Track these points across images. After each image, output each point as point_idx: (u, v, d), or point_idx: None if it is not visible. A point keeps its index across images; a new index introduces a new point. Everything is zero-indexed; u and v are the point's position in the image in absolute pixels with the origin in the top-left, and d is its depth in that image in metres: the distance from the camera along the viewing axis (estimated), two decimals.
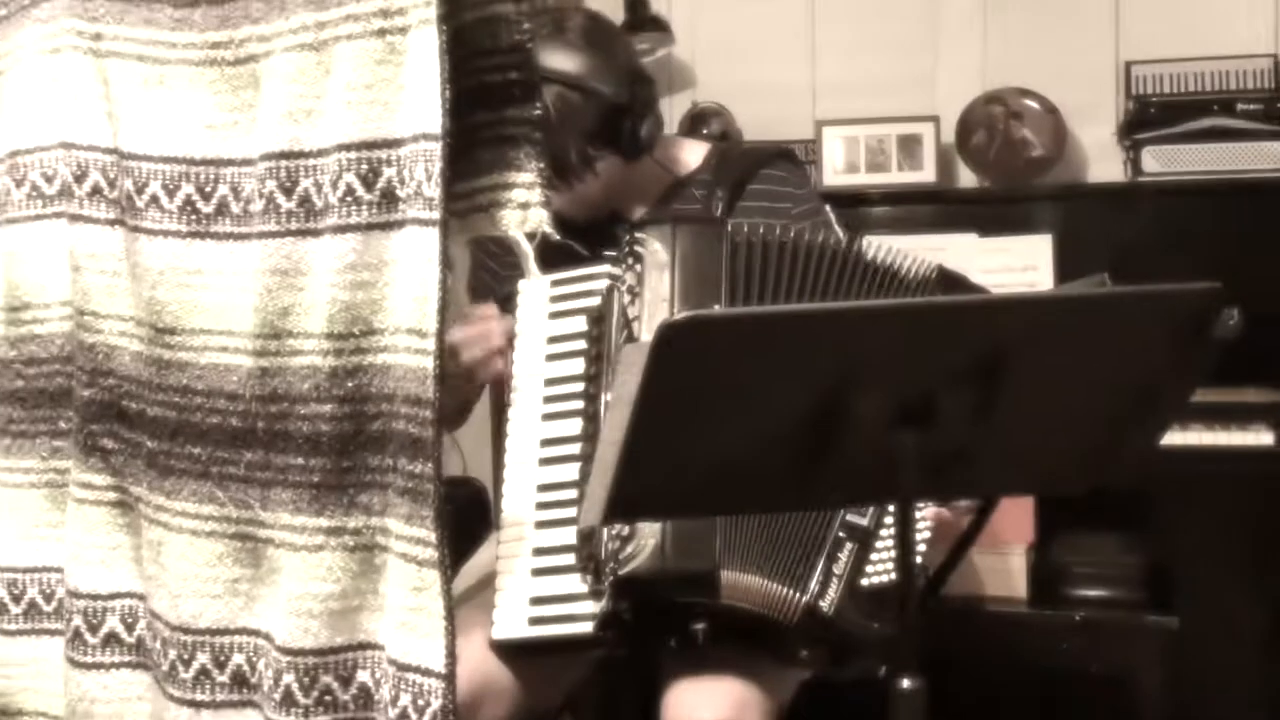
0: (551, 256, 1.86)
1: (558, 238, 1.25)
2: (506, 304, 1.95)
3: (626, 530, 1.70)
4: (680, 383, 1.27)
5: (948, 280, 1.86)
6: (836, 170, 3.14)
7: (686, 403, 1.29)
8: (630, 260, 1.82)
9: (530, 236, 1.80)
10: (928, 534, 1.80)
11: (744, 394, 1.30)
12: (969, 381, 1.33)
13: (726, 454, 1.34)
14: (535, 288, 1.87)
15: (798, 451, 1.34)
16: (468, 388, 1.93)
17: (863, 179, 3.13)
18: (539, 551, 1.78)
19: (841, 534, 1.76)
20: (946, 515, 1.82)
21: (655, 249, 1.81)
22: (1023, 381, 1.34)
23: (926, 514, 1.81)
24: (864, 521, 1.76)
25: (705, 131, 3.22)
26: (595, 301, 1.84)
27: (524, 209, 1.31)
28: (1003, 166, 3.10)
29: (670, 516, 1.63)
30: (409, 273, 1.30)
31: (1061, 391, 1.38)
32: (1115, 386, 1.39)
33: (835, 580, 1.75)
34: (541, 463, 1.83)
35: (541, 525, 1.79)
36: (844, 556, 1.76)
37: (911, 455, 1.34)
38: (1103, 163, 3.15)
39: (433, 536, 1.28)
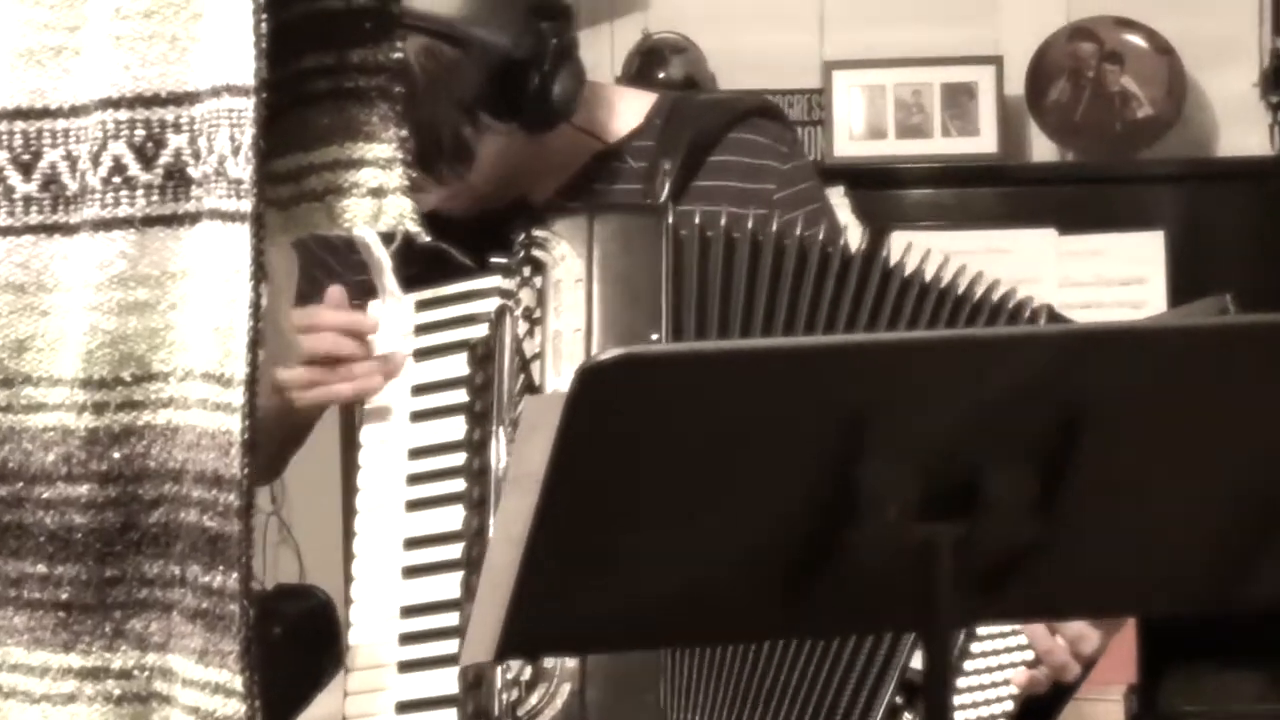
0: (420, 266, 1.87)
1: (428, 239, 1.26)
2: None
3: (529, 672, 1.71)
4: (609, 453, 1.28)
5: None
6: (853, 135, 3.17)
7: (619, 482, 1.30)
8: (527, 270, 1.83)
9: (387, 238, 1.81)
10: (1008, 703, 1.81)
11: (703, 469, 1.32)
12: (1032, 453, 1.36)
13: (677, 558, 1.35)
14: (392, 313, 1.88)
15: (781, 555, 1.36)
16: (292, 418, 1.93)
17: (891, 148, 3.16)
18: (405, 708, 1.79)
19: (899, 699, 1.77)
20: (1040, 680, 1.81)
21: (561, 253, 1.83)
22: (1109, 453, 1.37)
23: (1016, 680, 1.81)
24: None
25: (661, 75, 3.25)
26: (480, 331, 1.85)
27: (377, 197, 1.31)
28: (1094, 132, 3.14)
29: (593, 650, 1.64)
30: (206, 290, 1.31)
31: (1168, 468, 1.40)
32: (1249, 461, 1.42)
33: None
34: (406, 574, 1.84)
35: (408, 668, 1.79)
36: None
37: (946, 561, 1.36)
38: (1238, 127, 3.20)
39: (237, 682, 1.28)
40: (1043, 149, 3.23)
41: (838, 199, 2.92)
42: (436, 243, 1.28)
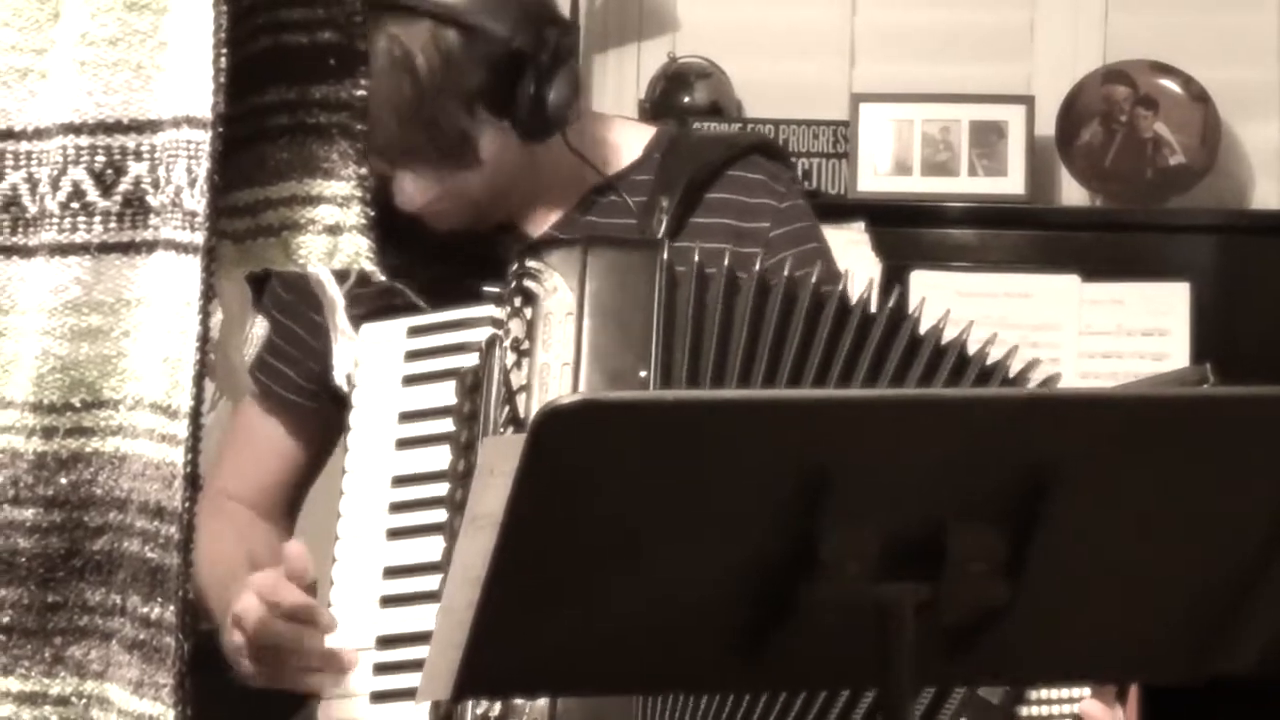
0: (375, 308, 1.87)
1: (382, 278, 1.27)
2: (319, 377, 1.98)
3: (498, 709, 1.72)
4: (567, 497, 1.29)
5: None
6: (878, 170, 3.17)
7: (577, 528, 1.31)
8: (518, 300, 1.84)
9: (341, 277, 1.82)
10: None
11: (663, 520, 1.32)
12: (1000, 515, 1.36)
13: (634, 606, 1.36)
14: (385, 338, 1.90)
15: (740, 608, 1.36)
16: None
17: (915, 185, 3.15)
18: None
19: None
20: None
21: (554, 284, 1.83)
22: (1079, 518, 1.36)
23: None
24: None
25: (686, 100, 3.26)
26: (471, 360, 1.87)
27: (333, 235, 1.32)
28: (1124, 178, 3.12)
29: (551, 693, 1.65)
30: (159, 319, 1.31)
31: (1138, 535, 1.40)
32: (1221, 530, 1.42)
33: None
34: (384, 603, 1.84)
35: (381, 698, 1.81)
36: None
37: (908, 622, 1.36)
38: (1273, 180, 3.19)
39: (170, 715, 1.28)
40: (1071, 193, 3.22)
41: (858, 234, 2.91)
42: (391, 283, 1.29)
